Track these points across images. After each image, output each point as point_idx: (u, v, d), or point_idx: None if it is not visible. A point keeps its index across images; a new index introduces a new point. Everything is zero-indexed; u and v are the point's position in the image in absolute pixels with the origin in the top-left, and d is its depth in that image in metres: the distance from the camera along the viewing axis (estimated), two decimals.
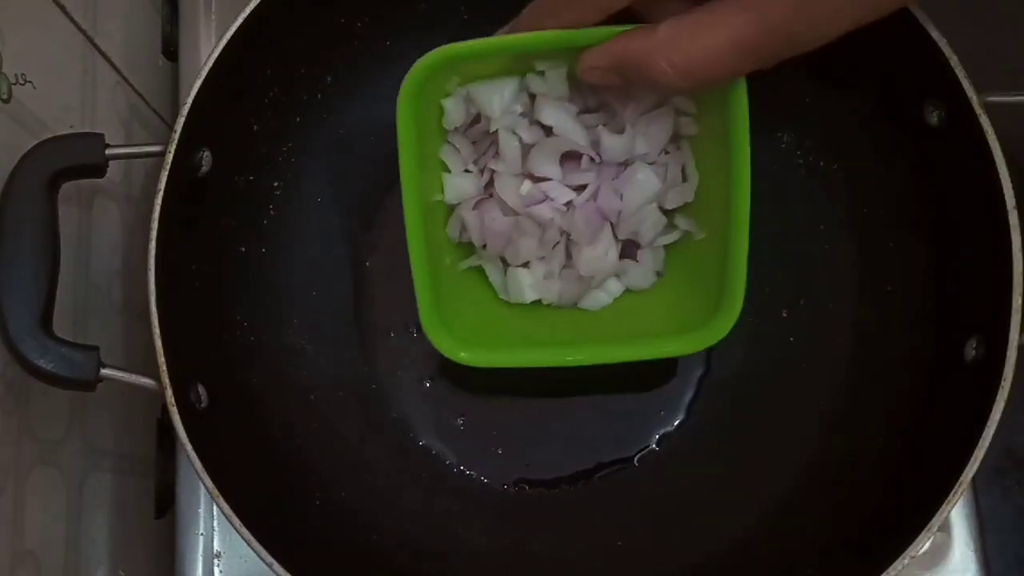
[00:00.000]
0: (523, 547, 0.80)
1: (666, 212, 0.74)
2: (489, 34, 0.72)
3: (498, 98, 0.69)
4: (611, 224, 0.73)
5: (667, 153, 0.73)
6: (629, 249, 0.76)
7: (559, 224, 0.72)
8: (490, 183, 0.73)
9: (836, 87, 0.80)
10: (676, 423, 0.82)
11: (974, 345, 0.68)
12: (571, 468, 0.82)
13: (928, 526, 0.63)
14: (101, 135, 0.67)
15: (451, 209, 0.75)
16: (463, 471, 0.82)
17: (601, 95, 0.70)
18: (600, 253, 0.74)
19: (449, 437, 0.83)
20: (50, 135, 0.66)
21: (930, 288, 0.77)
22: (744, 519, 0.78)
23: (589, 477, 0.82)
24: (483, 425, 0.83)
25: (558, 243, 0.74)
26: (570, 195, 0.71)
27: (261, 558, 0.64)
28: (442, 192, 0.73)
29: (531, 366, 0.74)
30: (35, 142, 0.65)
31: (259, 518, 0.65)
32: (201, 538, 0.83)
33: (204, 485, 0.64)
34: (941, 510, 0.63)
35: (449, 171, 0.73)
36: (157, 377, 0.65)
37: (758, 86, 0.85)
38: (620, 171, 0.72)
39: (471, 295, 0.75)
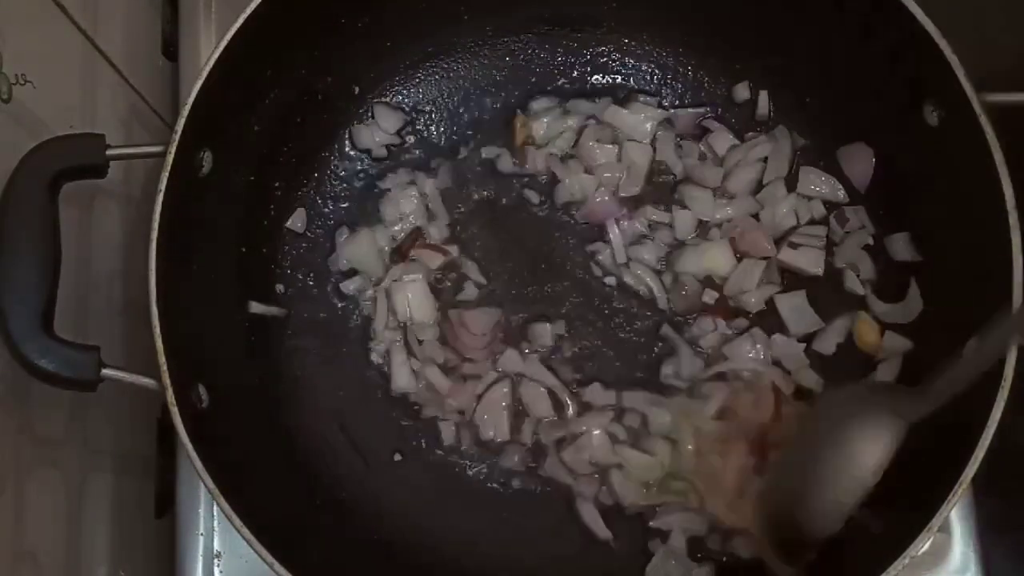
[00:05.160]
0: (520, 538, 0.80)
1: None
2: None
3: None
4: None
5: None
6: None
7: None
8: None
9: (837, 88, 0.80)
10: None
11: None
12: None
13: (928, 526, 0.63)
14: (102, 136, 0.67)
15: None
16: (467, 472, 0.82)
17: None
18: None
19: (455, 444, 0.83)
20: (50, 135, 0.66)
21: (930, 288, 0.77)
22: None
23: None
24: None
25: None
26: None
27: (262, 558, 0.64)
28: None
29: None
30: (35, 142, 0.65)
31: (259, 518, 0.65)
32: (201, 538, 0.83)
33: (204, 485, 0.64)
34: (941, 510, 0.63)
35: None
36: (157, 377, 0.65)
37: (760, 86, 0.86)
38: None
39: None
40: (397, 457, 0.82)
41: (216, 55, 0.70)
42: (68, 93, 0.74)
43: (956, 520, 0.81)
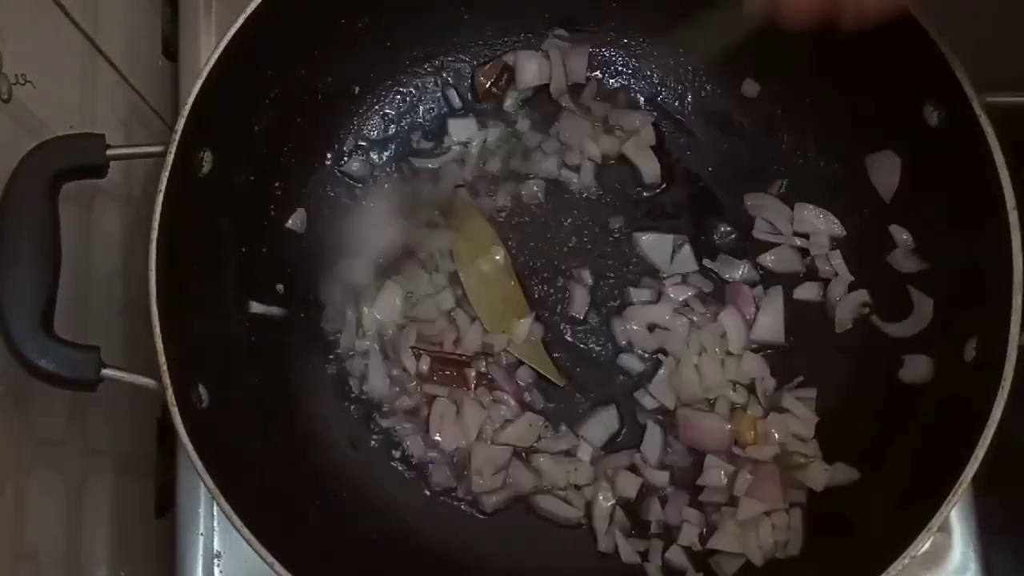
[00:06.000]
0: (519, 537, 0.80)
1: None
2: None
3: None
4: None
5: None
6: None
7: None
8: None
9: (837, 88, 0.80)
10: None
11: (974, 345, 0.68)
12: None
13: (928, 526, 0.63)
14: (102, 136, 0.67)
15: None
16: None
17: None
18: None
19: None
20: (50, 135, 0.66)
21: (930, 290, 0.77)
22: None
23: None
24: None
25: None
26: None
27: (262, 558, 0.64)
28: None
29: None
30: (35, 142, 0.65)
31: (259, 518, 0.65)
32: (201, 538, 0.83)
33: (204, 485, 0.64)
34: (941, 510, 0.63)
35: None
36: (157, 377, 0.65)
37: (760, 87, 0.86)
38: None
39: None
40: (397, 455, 0.82)
41: (216, 55, 0.70)
42: (68, 93, 0.74)
43: (956, 520, 0.81)
